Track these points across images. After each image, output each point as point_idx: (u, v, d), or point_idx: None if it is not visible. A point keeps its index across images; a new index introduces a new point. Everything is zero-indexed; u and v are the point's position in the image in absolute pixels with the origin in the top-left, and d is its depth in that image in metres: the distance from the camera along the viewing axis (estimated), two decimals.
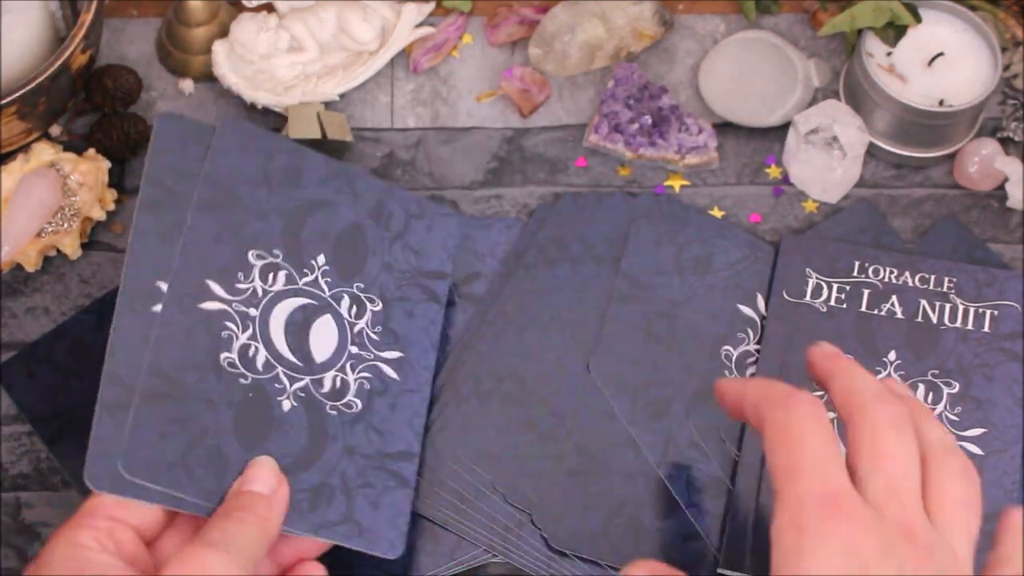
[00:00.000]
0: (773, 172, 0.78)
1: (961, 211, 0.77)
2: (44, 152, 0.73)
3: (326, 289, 0.67)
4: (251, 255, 0.66)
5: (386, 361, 0.67)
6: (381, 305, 0.68)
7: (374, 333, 0.67)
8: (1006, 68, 0.80)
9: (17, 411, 0.70)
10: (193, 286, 0.63)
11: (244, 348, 0.64)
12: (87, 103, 0.78)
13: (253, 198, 0.67)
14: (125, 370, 0.60)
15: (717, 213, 0.77)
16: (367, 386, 0.66)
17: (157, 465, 0.59)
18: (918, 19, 0.77)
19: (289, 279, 0.66)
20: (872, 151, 0.78)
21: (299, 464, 0.63)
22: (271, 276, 0.66)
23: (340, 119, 0.77)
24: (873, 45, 0.77)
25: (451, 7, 0.82)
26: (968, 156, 0.77)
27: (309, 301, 0.66)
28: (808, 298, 0.71)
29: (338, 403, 0.65)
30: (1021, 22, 0.80)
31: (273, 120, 0.79)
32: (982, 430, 0.69)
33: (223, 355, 0.63)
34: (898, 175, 0.78)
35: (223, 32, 0.79)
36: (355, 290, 0.68)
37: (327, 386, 0.65)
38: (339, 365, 0.66)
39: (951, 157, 0.78)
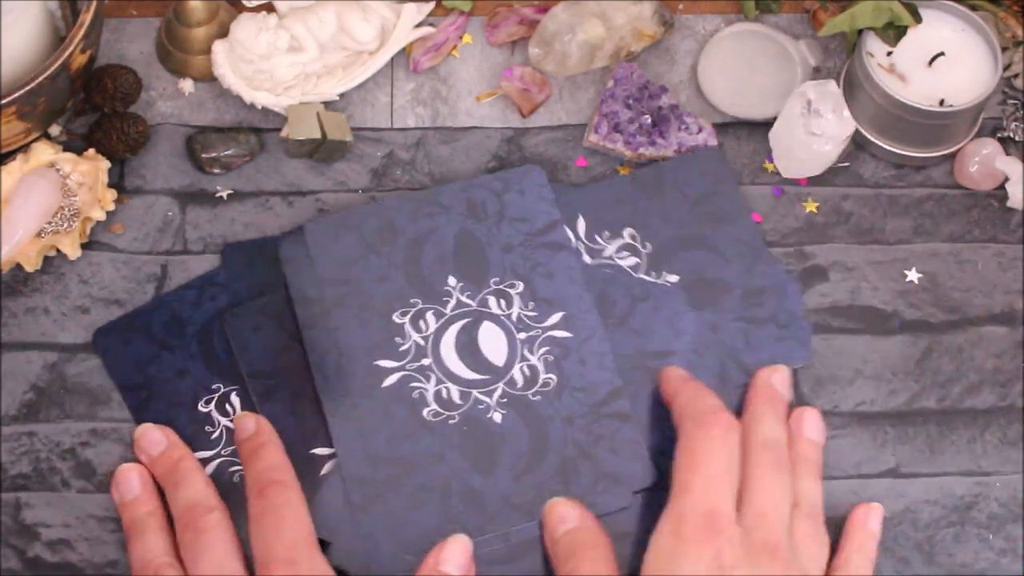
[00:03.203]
0: (771, 168, 0.78)
1: (961, 211, 0.77)
2: (44, 152, 0.73)
3: (471, 302, 0.71)
4: (395, 317, 0.70)
5: (553, 327, 0.70)
6: (523, 285, 0.71)
7: (529, 311, 0.71)
8: (1006, 68, 0.80)
9: (107, 377, 0.71)
10: (366, 375, 0.68)
11: (437, 394, 0.68)
12: (87, 103, 0.78)
13: (368, 270, 0.71)
14: (360, 469, 0.66)
15: None
16: (551, 358, 0.69)
17: (427, 532, 0.64)
18: (918, 19, 0.77)
19: (437, 315, 0.70)
20: (872, 151, 0.78)
21: (535, 456, 0.67)
22: (421, 322, 0.70)
23: (340, 119, 0.77)
24: (873, 45, 0.77)
25: (451, 7, 0.82)
26: (968, 156, 0.77)
27: (464, 321, 0.70)
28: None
29: (536, 388, 0.69)
30: (1021, 22, 0.80)
31: (273, 120, 0.79)
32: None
33: (424, 411, 0.68)
34: (898, 175, 0.78)
35: (223, 32, 0.79)
36: (493, 286, 0.71)
37: (520, 380, 0.69)
38: (518, 357, 0.70)
39: (951, 157, 0.78)
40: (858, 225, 0.77)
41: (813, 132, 0.75)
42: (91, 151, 0.75)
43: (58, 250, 0.74)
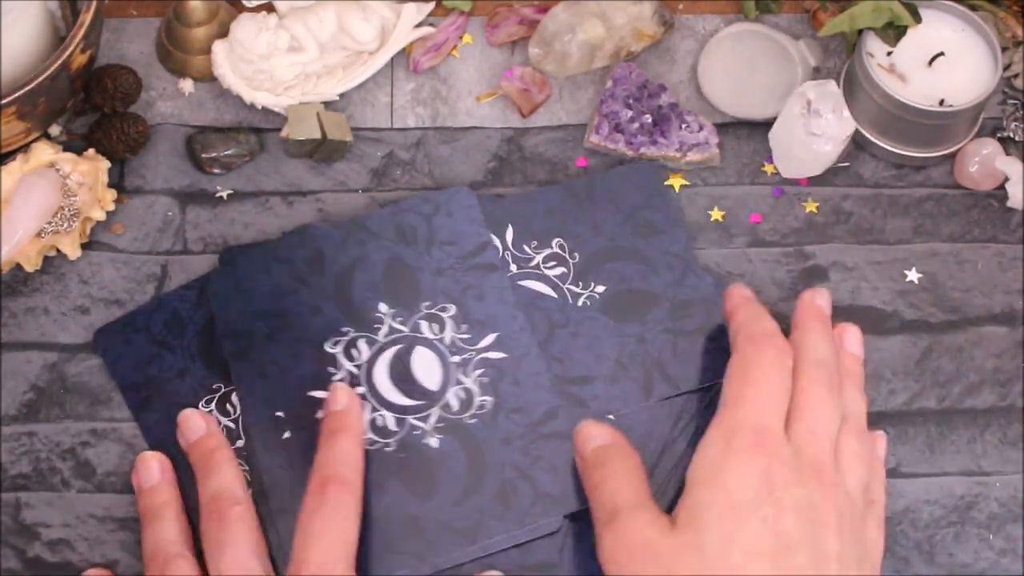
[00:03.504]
0: (771, 168, 0.78)
1: (961, 211, 0.77)
2: (44, 152, 0.73)
3: (403, 328, 0.70)
4: (327, 346, 0.69)
5: (486, 349, 0.69)
6: (455, 308, 0.70)
7: (462, 334, 0.70)
8: (1006, 68, 0.80)
9: (108, 376, 0.71)
10: (301, 404, 0.68)
11: (372, 423, 0.68)
12: (87, 103, 0.78)
13: (300, 302, 0.70)
14: (288, 500, 0.65)
15: (717, 213, 0.77)
16: (486, 380, 0.69)
17: (366, 563, 0.63)
18: (918, 19, 0.77)
19: (370, 342, 0.69)
20: (872, 151, 0.78)
21: (475, 480, 0.66)
22: (354, 351, 0.69)
23: (340, 119, 0.77)
24: (873, 45, 0.77)
25: (451, 7, 0.82)
26: (968, 156, 0.77)
27: (397, 348, 0.69)
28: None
29: (472, 411, 0.68)
30: (1021, 22, 0.80)
31: (273, 120, 0.78)
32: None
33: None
34: (898, 175, 0.78)
35: (223, 32, 0.79)
36: (424, 310, 0.70)
37: (455, 404, 0.68)
38: (453, 380, 0.69)
39: (951, 157, 0.78)
40: (858, 225, 0.77)
41: (813, 132, 0.75)
42: (91, 151, 0.75)
43: (58, 250, 0.74)
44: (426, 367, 0.69)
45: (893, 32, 0.77)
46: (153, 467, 0.67)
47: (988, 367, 0.73)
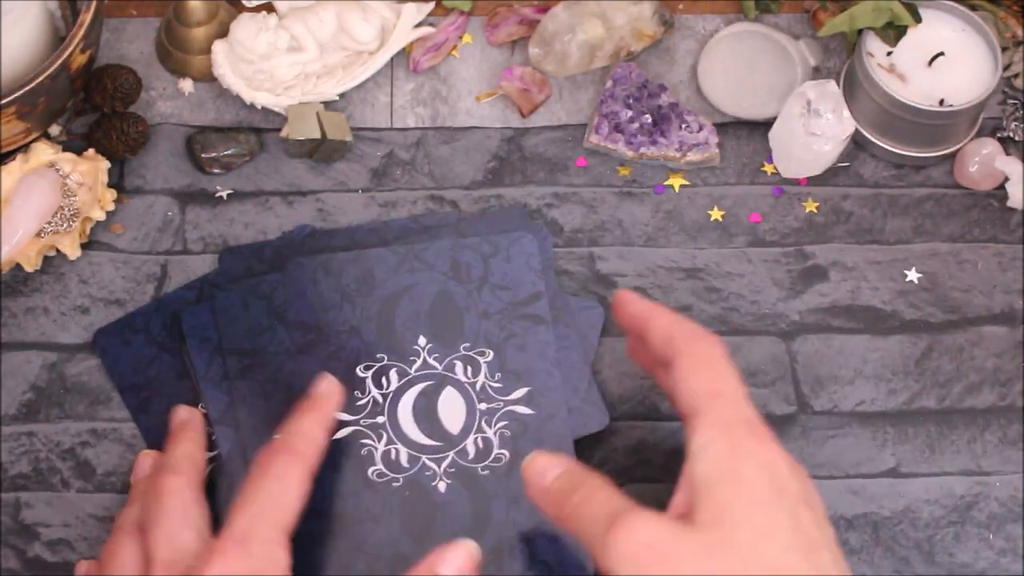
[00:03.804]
0: (771, 168, 0.78)
1: (961, 211, 0.77)
2: (44, 152, 0.73)
3: (437, 365, 0.69)
4: (359, 370, 0.69)
5: (516, 402, 0.68)
6: (492, 354, 0.69)
7: (495, 382, 0.69)
8: (1006, 68, 0.80)
9: (107, 377, 0.71)
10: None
11: (385, 455, 0.67)
12: (87, 103, 0.78)
13: (340, 320, 0.70)
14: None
15: (717, 213, 0.77)
16: (508, 433, 0.68)
17: None
18: (918, 19, 0.77)
19: (401, 373, 0.69)
20: (872, 151, 0.78)
21: (473, 533, 0.64)
22: (383, 379, 0.68)
23: (340, 119, 0.77)
24: (873, 45, 0.77)
25: (451, 7, 0.82)
26: (968, 156, 0.77)
27: (426, 384, 0.69)
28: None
29: (487, 462, 0.67)
30: (1021, 22, 0.80)
31: (273, 120, 0.78)
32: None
33: (370, 470, 0.66)
34: (898, 175, 0.78)
35: (223, 32, 0.79)
36: (463, 351, 0.69)
37: (471, 452, 0.67)
38: (475, 427, 0.68)
39: (951, 157, 0.78)
40: (858, 225, 0.77)
41: (813, 132, 0.75)
42: (91, 151, 0.75)
43: (58, 250, 0.74)
44: (451, 409, 0.68)
45: (893, 32, 0.77)
46: (145, 463, 0.67)
47: (988, 367, 0.73)
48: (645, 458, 0.70)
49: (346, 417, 0.68)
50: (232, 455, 0.67)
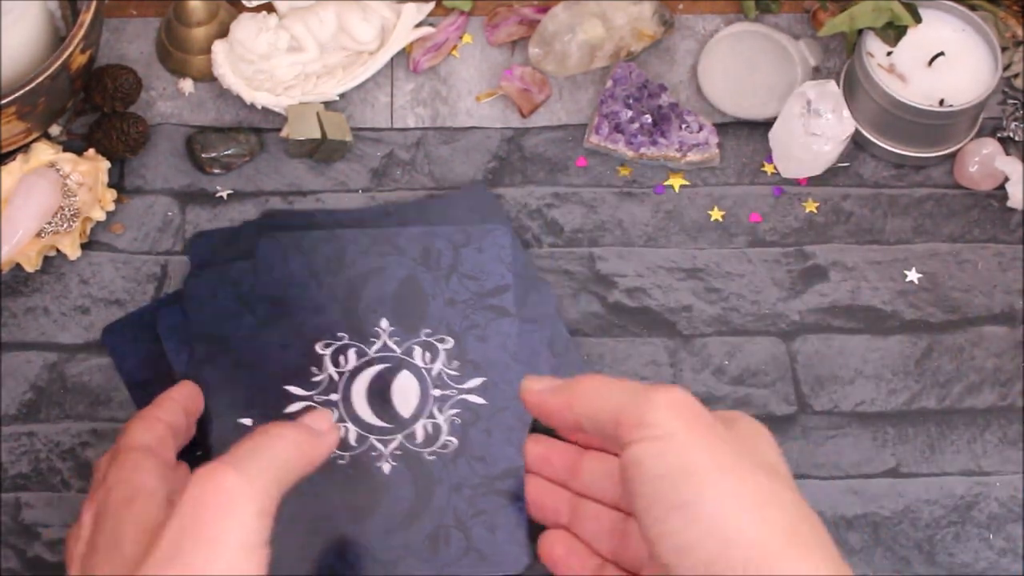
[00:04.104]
0: (771, 168, 0.78)
1: (961, 211, 0.77)
2: (44, 152, 0.73)
3: (396, 349, 0.69)
4: (318, 347, 0.69)
5: (470, 391, 0.69)
6: (453, 342, 0.69)
7: (452, 370, 0.69)
8: (1006, 68, 0.80)
9: (116, 372, 0.71)
10: (273, 399, 0.67)
11: None
12: (87, 103, 0.78)
13: (306, 297, 0.70)
14: None
15: (717, 213, 0.77)
16: (458, 421, 0.68)
17: (282, 564, 0.61)
18: (918, 19, 0.77)
19: (360, 353, 0.69)
20: (872, 151, 0.78)
21: (412, 516, 0.65)
22: (342, 358, 0.69)
23: (340, 119, 0.77)
24: (873, 45, 0.77)
25: (451, 7, 0.82)
26: (968, 156, 0.77)
27: (384, 366, 0.69)
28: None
29: (435, 447, 0.67)
30: (1021, 22, 0.80)
31: (273, 120, 0.78)
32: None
33: None
34: (898, 175, 0.78)
35: (223, 32, 0.79)
36: (423, 336, 0.70)
37: (420, 436, 0.67)
38: (426, 412, 0.68)
39: (951, 157, 0.78)
40: (858, 225, 0.77)
41: (813, 132, 0.75)
42: (91, 151, 0.75)
43: (58, 250, 0.74)
44: (405, 393, 0.68)
45: (893, 32, 0.77)
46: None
47: (988, 367, 0.73)
48: None
49: (300, 392, 0.68)
50: (215, 431, 0.67)
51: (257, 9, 0.79)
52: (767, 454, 0.56)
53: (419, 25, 0.81)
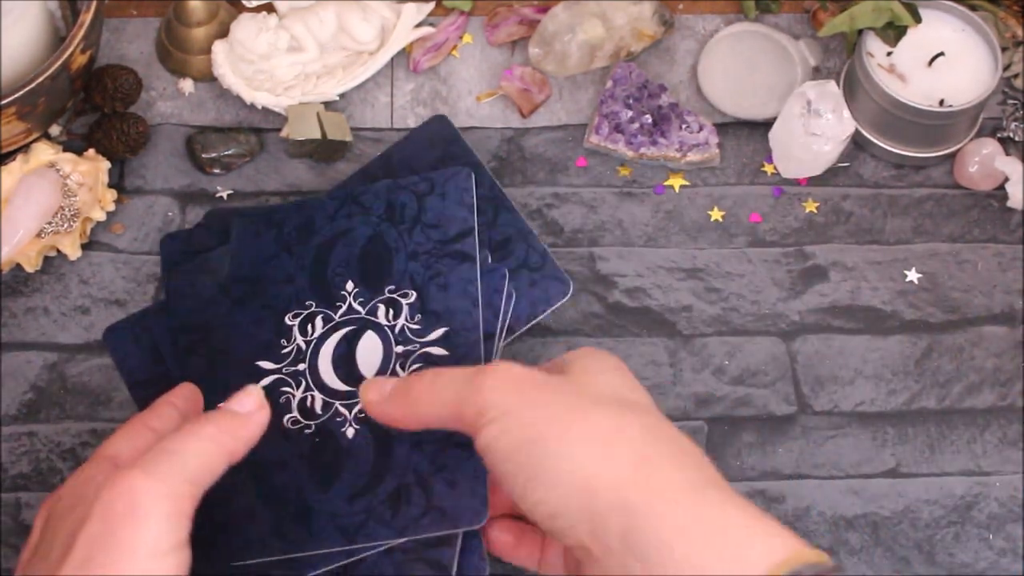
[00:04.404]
0: (771, 168, 0.78)
1: (961, 211, 0.77)
2: (44, 152, 0.73)
3: (361, 310, 0.68)
4: (288, 318, 0.68)
5: (432, 343, 0.67)
6: (415, 295, 0.68)
7: (414, 323, 0.68)
8: (1006, 68, 0.80)
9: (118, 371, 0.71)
10: (246, 378, 0.66)
11: (302, 402, 0.66)
12: (87, 103, 0.78)
13: (278, 269, 0.69)
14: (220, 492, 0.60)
15: (717, 213, 0.77)
16: None
17: (253, 543, 0.61)
18: (918, 19, 0.77)
19: (326, 319, 0.68)
20: (872, 151, 0.78)
21: (375, 477, 0.64)
22: (309, 326, 0.68)
23: (340, 119, 0.77)
24: (873, 45, 0.77)
25: (451, 7, 0.82)
26: (968, 156, 0.77)
27: (348, 329, 0.68)
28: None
29: None
30: (1021, 22, 0.80)
31: (273, 120, 0.78)
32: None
33: (286, 417, 0.66)
34: (898, 175, 0.78)
35: (223, 32, 0.79)
36: (387, 294, 0.68)
37: None
38: (389, 371, 0.67)
39: (951, 157, 0.78)
40: (858, 225, 0.77)
41: (813, 132, 0.75)
42: (91, 151, 0.75)
43: (58, 250, 0.74)
44: (369, 354, 0.67)
45: (893, 32, 0.77)
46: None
47: (988, 367, 0.73)
48: None
49: (269, 366, 0.67)
50: None
51: (257, 9, 0.79)
52: (611, 384, 0.56)
53: (419, 25, 0.81)
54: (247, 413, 0.58)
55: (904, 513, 0.70)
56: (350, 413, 0.66)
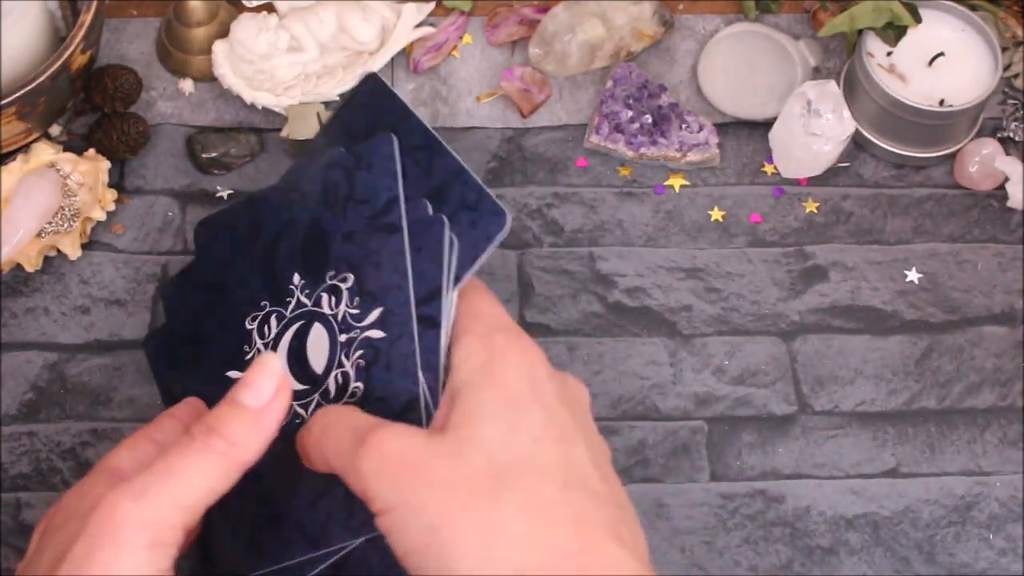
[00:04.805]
0: (771, 168, 0.78)
1: (961, 211, 0.77)
2: (44, 152, 0.73)
3: (307, 302, 0.64)
4: (247, 322, 0.65)
5: (370, 326, 0.62)
6: (353, 278, 0.63)
7: (354, 308, 0.63)
8: (1006, 68, 0.80)
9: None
10: (216, 388, 0.61)
11: None
12: (87, 103, 0.78)
13: (235, 274, 0.66)
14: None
15: (717, 213, 0.77)
16: (362, 363, 0.62)
17: (230, 558, 0.60)
18: (918, 19, 0.77)
19: (279, 318, 0.64)
20: (872, 151, 0.78)
21: (331, 476, 0.60)
22: (266, 328, 0.64)
23: None
24: (873, 45, 0.77)
25: (451, 7, 0.82)
26: (968, 156, 0.77)
27: (299, 324, 0.64)
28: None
29: (345, 398, 0.62)
30: (1021, 22, 0.80)
31: (273, 120, 0.78)
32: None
33: None
34: (898, 175, 0.78)
35: (223, 32, 0.79)
36: (329, 281, 0.64)
37: (333, 390, 0.62)
38: (336, 363, 0.63)
39: (951, 157, 0.78)
40: (858, 225, 0.77)
41: (813, 132, 0.75)
42: (91, 151, 0.75)
43: (58, 250, 0.74)
44: (318, 347, 0.62)
45: (893, 32, 0.77)
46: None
47: (988, 367, 0.73)
48: (645, 458, 0.70)
49: (236, 375, 0.64)
50: None
51: (257, 9, 0.79)
52: (495, 438, 0.53)
53: (419, 25, 0.81)
54: (262, 408, 0.55)
55: (904, 513, 0.70)
56: (307, 412, 0.62)
